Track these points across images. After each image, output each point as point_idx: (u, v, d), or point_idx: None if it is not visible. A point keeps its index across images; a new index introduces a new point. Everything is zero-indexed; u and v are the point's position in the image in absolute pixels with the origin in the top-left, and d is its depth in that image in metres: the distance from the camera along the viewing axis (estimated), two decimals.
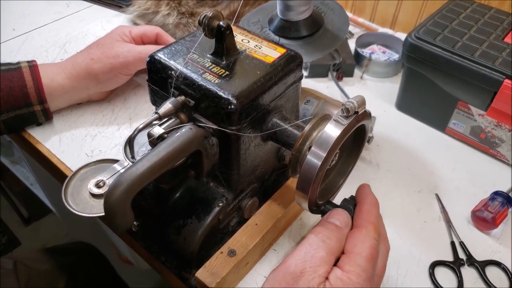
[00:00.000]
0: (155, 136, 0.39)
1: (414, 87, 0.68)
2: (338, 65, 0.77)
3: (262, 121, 0.43)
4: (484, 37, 0.63)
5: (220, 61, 0.43)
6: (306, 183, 0.38)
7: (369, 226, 0.38)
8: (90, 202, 0.43)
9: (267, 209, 0.50)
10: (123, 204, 0.35)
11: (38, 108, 0.59)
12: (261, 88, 0.41)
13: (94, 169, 0.47)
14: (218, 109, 0.39)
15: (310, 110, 0.60)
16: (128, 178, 0.34)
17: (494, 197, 0.56)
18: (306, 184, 0.38)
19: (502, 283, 0.50)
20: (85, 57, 0.62)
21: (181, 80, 0.41)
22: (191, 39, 0.46)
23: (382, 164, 0.63)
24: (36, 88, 0.58)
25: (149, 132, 0.39)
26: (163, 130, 0.39)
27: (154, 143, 0.39)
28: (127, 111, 0.67)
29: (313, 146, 0.37)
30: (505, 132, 0.61)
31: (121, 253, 1.21)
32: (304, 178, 0.38)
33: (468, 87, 0.61)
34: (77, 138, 0.62)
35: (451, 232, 0.55)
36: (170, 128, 0.39)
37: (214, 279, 0.43)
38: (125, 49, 0.62)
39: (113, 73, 0.62)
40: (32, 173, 1.10)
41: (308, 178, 0.37)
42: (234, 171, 0.44)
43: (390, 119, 0.71)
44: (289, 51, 0.45)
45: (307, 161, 0.37)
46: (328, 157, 0.37)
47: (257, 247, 0.47)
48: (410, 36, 0.64)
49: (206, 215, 0.45)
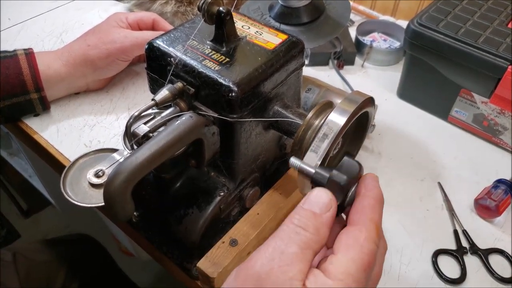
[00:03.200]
0: (140, 135, 0.37)
1: (416, 75, 0.68)
2: (339, 53, 0.76)
3: (263, 109, 0.43)
4: (488, 23, 0.62)
5: (220, 48, 0.42)
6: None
7: (371, 227, 0.30)
8: (89, 192, 0.42)
9: (268, 199, 0.49)
10: (123, 194, 0.34)
11: (35, 96, 0.58)
12: (263, 75, 0.40)
13: (93, 159, 0.46)
14: (218, 96, 0.39)
15: (311, 98, 0.59)
16: (128, 167, 0.34)
17: (497, 185, 0.56)
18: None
19: (505, 271, 0.50)
20: (81, 44, 0.61)
21: (181, 67, 0.40)
22: (191, 26, 0.45)
23: (384, 153, 0.62)
24: (33, 76, 0.57)
25: (134, 131, 0.38)
26: (148, 129, 0.38)
27: (139, 142, 0.37)
28: (126, 100, 0.66)
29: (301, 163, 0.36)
30: (508, 119, 0.61)
31: (121, 244, 1.21)
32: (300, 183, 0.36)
33: (472, 74, 0.60)
34: (75, 128, 0.62)
35: (454, 221, 0.54)
36: (170, 116, 0.39)
37: (216, 269, 0.43)
38: (122, 35, 0.61)
39: (110, 59, 0.61)
40: (30, 165, 1.10)
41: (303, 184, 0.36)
42: (235, 160, 0.43)
43: (391, 108, 0.70)
44: (291, 37, 0.44)
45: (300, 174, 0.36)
46: (333, 143, 0.36)
47: (258, 237, 0.47)
48: (413, 23, 0.63)
49: (207, 204, 0.44)
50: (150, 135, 0.38)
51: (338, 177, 0.33)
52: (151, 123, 0.38)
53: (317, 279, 0.27)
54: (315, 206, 0.30)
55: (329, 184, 0.34)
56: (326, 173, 0.34)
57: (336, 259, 0.28)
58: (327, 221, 0.30)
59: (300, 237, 0.29)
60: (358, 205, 0.32)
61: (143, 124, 0.38)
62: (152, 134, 0.38)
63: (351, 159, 0.35)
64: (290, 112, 0.43)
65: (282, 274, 0.27)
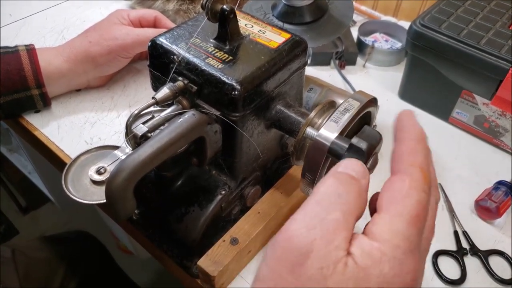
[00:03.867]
0: (138, 135, 0.37)
1: (417, 76, 0.68)
2: (340, 53, 0.76)
3: (266, 108, 0.43)
4: (490, 25, 0.62)
5: (224, 46, 0.42)
6: (314, 166, 0.36)
7: (416, 172, 0.26)
8: (91, 189, 0.42)
9: (269, 197, 0.49)
10: (125, 191, 0.34)
11: (36, 92, 0.58)
12: (266, 73, 0.40)
13: (95, 156, 0.46)
14: (221, 95, 0.39)
15: (313, 98, 0.59)
16: (130, 164, 0.34)
17: (498, 187, 0.56)
18: (314, 168, 0.36)
19: (505, 273, 0.50)
20: (83, 40, 0.61)
21: (184, 65, 0.40)
22: (194, 24, 0.45)
23: (385, 153, 0.62)
24: (34, 72, 0.57)
25: (132, 131, 0.38)
26: (147, 129, 0.37)
27: (138, 142, 0.37)
28: (127, 98, 0.66)
29: (320, 130, 0.36)
30: (509, 121, 0.61)
31: (120, 242, 1.21)
32: (311, 162, 0.36)
33: (473, 76, 0.60)
34: (76, 125, 0.61)
35: (454, 222, 0.54)
36: (173, 113, 0.39)
37: (216, 268, 0.43)
38: (123, 32, 0.60)
39: (111, 55, 0.60)
40: (30, 161, 1.09)
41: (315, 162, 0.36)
42: (237, 158, 0.43)
43: (393, 108, 0.70)
44: (294, 36, 0.44)
45: (315, 144, 0.36)
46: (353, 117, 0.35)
47: (259, 235, 0.47)
48: (415, 23, 0.63)
49: (208, 203, 0.44)
50: (149, 135, 0.37)
51: (360, 143, 0.31)
52: (150, 122, 0.38)
53: (362, 244, 0.24)
54: (352, 171, 0.27)
55: (349, 152, 0.32)
56: (345, 143, 0.33)
57: (379, 218, 0.25)
58: (366, 188, 0.27)
59: (342, 201, 0.25)
60: (398, 152, 0.28)
61: (141, 124, 0.38)
62: (151, 134, 0.37)
63: (371, 128, 0.33)
64: (293, 111, 0.43)
65: (327, 244, 0.23)
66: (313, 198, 0.26)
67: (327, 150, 0.34)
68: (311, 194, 0.26)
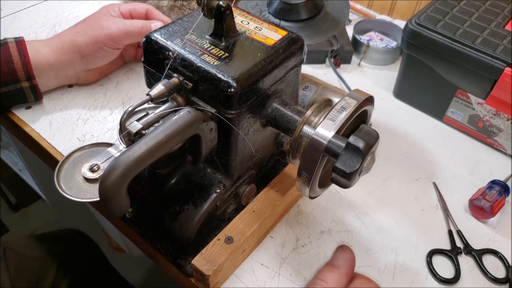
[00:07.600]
0: (132, 132, 0.37)
1: (412, 75, 0.68)
2: (336, 51, 0.76)
3: (262, 106, 0.42)
4: (485, 25, 0.62)
5: (219, 43, 0.41)
6: (310, 165, 0.36)
7: None
8: (84, 186, 0.42)
9: (264, 196, 0.49)
10: (119, 189, 0.33)
11: (26, 84, 0.57)
12: (262, 71, 0.40)
13: (88, 153, 0.45)
14: (217, 92, 0.38)
15: (308, 96, 0.58)
16: (125, 161, 0.33)
17: (492, 186, 0.56)
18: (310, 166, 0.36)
19: (499, 272, 0.50)
20: (71, 31, 0.61)
21: (179, 61, 0.40)
22: (189, 20, 0.44)
23: (380, 152, 0.62)
24: (23, 63, 0.56)
25: (126, 128, 0.37)
26: (141, 126, 0.37)
27: (132, 140, 0.37)
28: (120, 95, 0.65)
29: (317, 128, 0.36)
30: (503, 121, 0.61)
31: (112, 240, 1.20)
32: (307, 161, 0.36)
33: (468, 75, 0.60)
34: (69, 122, 0.61)
35: (449, 221, 0.55)
36: (168, 110, 0.38)
37: (210, 267, 0.42)
38: (110, 21, 0.60)
39: (97, 45, 0.59)
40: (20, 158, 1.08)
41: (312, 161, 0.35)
42: (232, 157, 0.43)
43: (388, 107, 0.70)
44: (290, 33, 0.44)
45: (312, 142, 0.35)
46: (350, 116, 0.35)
47: (254, 234, 0.47)
48: (411, 22, 0.63)
49: (203, 201, 0.44)
50: (143, 132, 0.37)
51: (357, 142, 0.33)
52: (144, 120, 0.38)
53: None
54: None
55: (346, 150, 0.33)
56: (342, 142, 0.33)
57: None
58: None
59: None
60: None
61: (136, 121, 0.37)
62: (146, 131, 0.37)
63: (368, 127, 0.34)
64: (289, 109, 0.43)
65: None
66: None
67: (324, 149, 0.34)
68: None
